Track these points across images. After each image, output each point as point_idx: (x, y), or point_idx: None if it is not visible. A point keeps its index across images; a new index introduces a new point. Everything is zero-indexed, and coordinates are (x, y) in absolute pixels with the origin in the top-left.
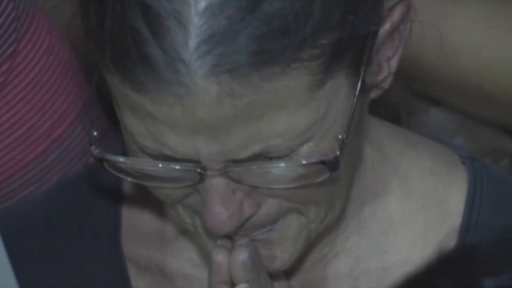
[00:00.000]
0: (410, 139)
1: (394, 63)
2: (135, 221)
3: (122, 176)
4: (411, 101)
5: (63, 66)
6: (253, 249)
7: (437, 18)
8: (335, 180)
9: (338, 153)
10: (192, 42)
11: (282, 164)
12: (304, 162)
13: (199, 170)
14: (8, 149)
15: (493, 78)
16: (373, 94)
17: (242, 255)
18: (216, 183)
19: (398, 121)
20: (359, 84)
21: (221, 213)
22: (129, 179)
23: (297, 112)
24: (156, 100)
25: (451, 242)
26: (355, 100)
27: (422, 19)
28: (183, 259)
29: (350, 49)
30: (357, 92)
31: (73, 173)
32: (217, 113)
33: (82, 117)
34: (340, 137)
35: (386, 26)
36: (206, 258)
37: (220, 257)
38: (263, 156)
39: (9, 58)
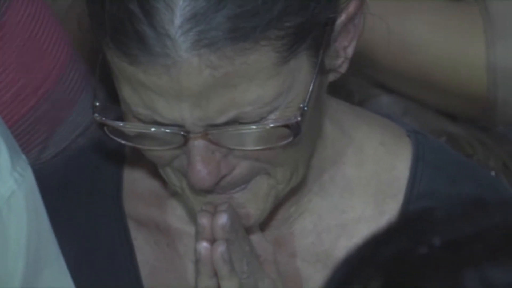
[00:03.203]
0: (363, 115)
1: (350, 51)
2: (135, 184)
3: (119, 139)
4: (365, 88)
5: (47, 32)
6: (232, 213)
7: (392, 14)
8: (298, 144)
9: (299, 118)
10: (177, 21)
11: (253, 127)
12: (271, 125)
13: (183, 133)
14: (2, 106)
15: (436, 71)
16: (332, 76)
17: (221, 219)
18: (198, 144)
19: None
20: (317, 64)
21: (201, 170)
22: (125, 142)
23: (265, 84)
24: (147, 71)
25: (398, 202)
26: (314, 77)
27: (379, 13)
28: (175, 216)
29: (311, 33)
30: (316, 71)
31: (84, 143)
32: (198, 82)
33: (66, 72)
34: (301, 105)
35: (342, 17)
36: (195, 216)
37: (204, 220)
38: (237, 122)
39: None
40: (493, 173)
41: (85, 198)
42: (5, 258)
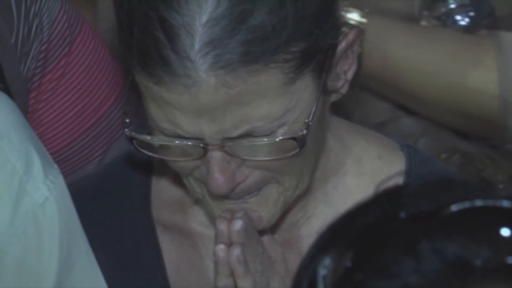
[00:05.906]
0: (361, 132)
1: (349, 75)
2: (161, 193)
3: (146, 152)
4: (390, 111)
5: (104, 62)
6: (247, 220)
7: (413, 45)
8: (303, 154)
9: (305, 132)
10: (197, 46)
11: (265, 139)
12: (280, 137)
13: (202, 145)
14: (67, 122)
15: (452, 97)
16: (334, 97)
17: (237, 225)
18: (215, 155)
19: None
20: (321, 85)
21: (218, 178)
22: (152, 154)
23: (274, 102)
24: (170, 90)
25: None
26: (318, 96)
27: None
28: (196, 221)
29: (315, 57)
30: (319, 90)
31: (117, 156)
32: (215, 100)
33: (121, 99)
34: (306, 120)
35: (343, 44)
36: (214, 220)
37: (222, 226)
38: (250, 135)
39: (65, 56)
40: (501, 186)
41: (117, 205)
42: (41, 256)
